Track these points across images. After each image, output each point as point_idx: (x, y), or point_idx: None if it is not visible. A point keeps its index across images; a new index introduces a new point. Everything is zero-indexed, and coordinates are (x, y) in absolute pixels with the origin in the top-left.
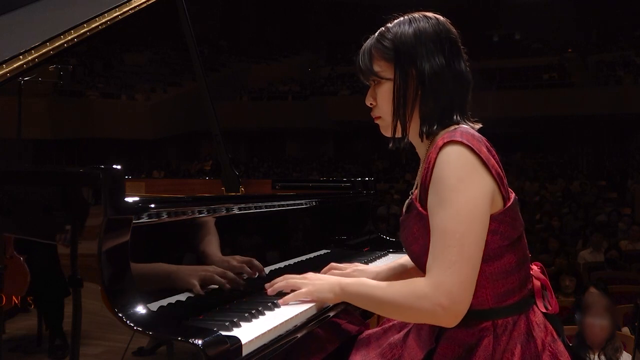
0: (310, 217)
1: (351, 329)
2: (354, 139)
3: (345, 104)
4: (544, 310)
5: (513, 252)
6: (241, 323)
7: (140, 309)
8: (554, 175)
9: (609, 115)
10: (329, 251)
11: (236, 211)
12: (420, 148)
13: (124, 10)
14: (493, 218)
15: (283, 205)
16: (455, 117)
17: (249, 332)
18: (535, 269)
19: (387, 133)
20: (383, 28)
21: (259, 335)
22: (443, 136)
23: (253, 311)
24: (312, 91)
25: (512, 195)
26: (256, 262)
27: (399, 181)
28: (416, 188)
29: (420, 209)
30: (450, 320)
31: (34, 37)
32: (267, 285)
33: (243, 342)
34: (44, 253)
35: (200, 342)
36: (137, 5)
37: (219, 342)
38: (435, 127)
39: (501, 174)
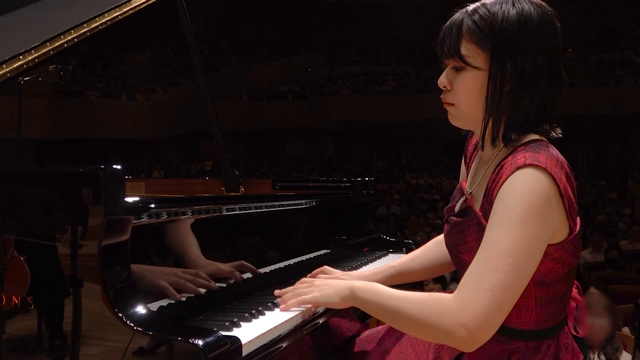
0: (310, 217)
1: (351, 328)
2: (354, 139)
3: (345, 104)
4: (574, 333)
5: (567, 280)
6: (241, 323)
7: (140, 309)
8: None
9: (609, 115)
10: (329, 251)
11: (236, 211)
12: (490, 149)
13: (124, 10)
14: (559, 246)
15: (283, 205)
16: (543, 126)
17: (249, 332)
18: (573, 289)
19: (457, 122)
20: (478, 3)
21: (259, 335)
22: (525, 154)
23: (253, 311)
24: (312, 91)
25: (578, 223)
26: (246, 264)
27: (399, 181)
28: (471, 189)
29: (482, 220)
30: (467, 345)
31: (34, 37)
32: (277, 292)
33: (243, 342)
34: (44, 253)
35: (200, 342)
36: (137, 5)
37: (219, 342)
38: (520, 134)
39: (574, 203)
